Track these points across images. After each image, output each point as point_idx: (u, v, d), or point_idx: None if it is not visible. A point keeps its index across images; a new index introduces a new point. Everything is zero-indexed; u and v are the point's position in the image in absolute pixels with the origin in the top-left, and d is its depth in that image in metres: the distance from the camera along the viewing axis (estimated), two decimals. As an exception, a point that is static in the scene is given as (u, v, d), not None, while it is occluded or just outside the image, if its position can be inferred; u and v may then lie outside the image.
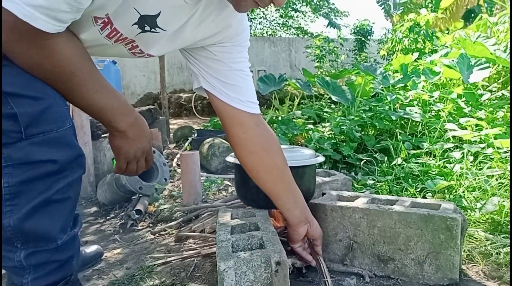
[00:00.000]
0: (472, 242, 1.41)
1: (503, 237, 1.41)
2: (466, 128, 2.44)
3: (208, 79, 1.03)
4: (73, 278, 0.93)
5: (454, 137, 2.40)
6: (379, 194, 1.90)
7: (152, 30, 0.85)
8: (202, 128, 4.39)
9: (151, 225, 1.87)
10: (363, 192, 1.92)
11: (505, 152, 2.07)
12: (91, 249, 1.50)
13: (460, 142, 2.35)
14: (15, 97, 0.73)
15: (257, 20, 16.12)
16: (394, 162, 2.26)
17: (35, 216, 0.78)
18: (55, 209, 0.82)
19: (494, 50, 3.33)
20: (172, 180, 2.58)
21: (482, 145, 2.16)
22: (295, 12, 14.70)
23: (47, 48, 0.74)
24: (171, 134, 4.27)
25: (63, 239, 0.86)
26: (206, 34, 0.95)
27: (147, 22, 0.83)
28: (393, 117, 2.73)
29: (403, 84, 3.58)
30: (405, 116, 2.72)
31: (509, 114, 2.62)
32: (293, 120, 3.49)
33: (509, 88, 3.14)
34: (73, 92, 0.82)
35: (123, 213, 2.04)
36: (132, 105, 0.93)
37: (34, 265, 0.83)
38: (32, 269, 0.83)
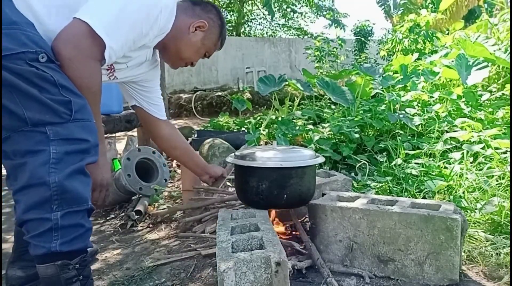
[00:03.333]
0: (472, 243, 1.41)
1: (503, 238, 1.41)
2: (464, 129, 2.44)
3: (140, 101, 1.50)
4: (87, 256, 1.04)
5: (453, 138, 2.40)
6: (379, 194, 1.90)
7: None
8: (202, 128, 4.39)
9: (151, 225, 1.87)
10: (363, 192, 1.92)
11: (504, 153, 2.07)
12: None
13: (460, 143, 2.35)
14: (68, 90, 0.98)
15: (257, 21, 16.12)
16: (394, 163, 2.26)
17: (73, 178, 0.98)
18: (84, 178, 1.02)
19: (494, 51, 3.33)
20: (172, 181, 2.58)
21: (481, 146, 2.16)
22: (294, 13, 14.70)
23: (99, 67, 1.08)
24: (171, 135, 4.25)
25: (90, 204, 1.02)
26: (146, 71, 1.41)
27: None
28: (391, 121, 2.72)
29: (403, 85, 3.58)
30: (403, 121, 2.71)
31: (508, 114, 2.62)
32: (293, 120, 3.49)
33: (508, 88, 3.14)
34: (93, 106, 1.06)
35: (123, 214, 2.04)
36: None
37: (66, 227, 0.97)
38: (60, 234, 0.96)
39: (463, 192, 1.79)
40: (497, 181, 1.82)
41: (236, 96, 6.02)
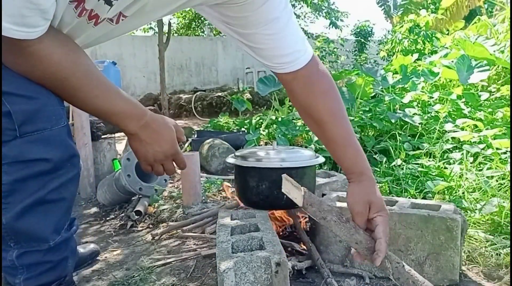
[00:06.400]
0: (472, 243, 1.41)
1: (503, 238, 1.41)
2: (464, 129, 2.44)
3: (239, 44, 0.99)
4: (67, 279, 0.94)
5: (453, 138, 2.40)
6: (379, 195, 1.90)
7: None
8: (202, 129, 4.39)
9: (151, 226, 1.87)
10: (363, 193, 1.92)
11: (504, 153, 2.07)
12: (87, 248, 1.50)
13: (460, 143, 2.35)
14: (9, 96, 0.74)
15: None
16: (393, 163, 2.26)
17: (27, 216, 0.79)
18: (48, 209, 0.83)
19: (494, 51, 3.34)
20: (172, 181, 2.58)
21: (482, 146, 2.16)
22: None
23: (32, 55, 0.73)
24: (171, 135, 4.26)
25: (56, 240, 0.86)
26: None
27: None
28: (392, 120, 2.72)
29: (403, 85, 3.58)
30: (404, 119, 2.71)
31: (508, 114, 2.62)
32: (293, 121, 3.49)
33: (508, 88, 3.14)
34: (73, 98, 0.82)
35: (123, 214, 2.04)
36: (145, 108, 0.91)
37: (26, 265, 0.84)
38: (25, 269, 0.85)
39: (463, 193, 1.79)
40: (497, 181, 1.82)
41: (236, 96, 6.02)
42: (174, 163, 0.97)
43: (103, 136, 2.68)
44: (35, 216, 0.81)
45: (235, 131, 3.92)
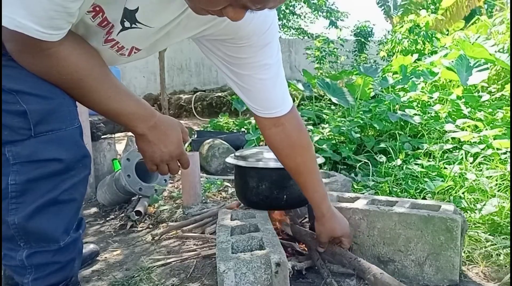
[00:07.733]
0: (472, 244, 1.41)
1: (503, 238, 1.41)
2: (464, 129, 2.44)
3: (229, 82, 1.07)
4: (73, 280, 0.95)
5: (453, 138, 2.40)
6: (379, 195, 1.90)
7: (133, 26, 0.83)
8: (202, 129, 4.39)
9: (150, 226, 1.87)
10: (363, 193, 1.92)
11: (504, 153, 2.07)
12: (87, 248, 1.50)
13: (460, 143, 2.35)
14: (25, 95, 0.75)
15: (257, 21, 16.07)
16: (393, 163, 2.26)
17: (40, 216, 0.80)
18: (60, 209, 0.83)
19: (494, 51, 3.34)
20: (172, 181, 2.58)
21: (482, 146, 2.16)
22: (293, 15, 14.72)
23: (51, 56, 0.75)
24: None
25: (66, 240, 0.87)
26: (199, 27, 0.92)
27: (126, 17, 0.80)
28: (392, 120, 2.73)
29: (403, 85, 3.58)
30: (405, 118, 2.71)
31: (508, 115, 2.62)
32: (293, 121, 3.48)
33: (508, 88, 3.14)
34: (86, 98, 0.84)
35: (122, 214, 2.04)
36: (153, 109, 0.94)
37: (35, 265, 0.84)
38: (33, 269, 0.85)
39: (463, 193, 1.79)
40: (497, 181, 1.82)
41: (236, 96, 6.01)
42: (178, 162, 1.00)
43: (103, 136, 2.68)
44: (47, 216, 0.81)
45: (235, 131, 3.92)
